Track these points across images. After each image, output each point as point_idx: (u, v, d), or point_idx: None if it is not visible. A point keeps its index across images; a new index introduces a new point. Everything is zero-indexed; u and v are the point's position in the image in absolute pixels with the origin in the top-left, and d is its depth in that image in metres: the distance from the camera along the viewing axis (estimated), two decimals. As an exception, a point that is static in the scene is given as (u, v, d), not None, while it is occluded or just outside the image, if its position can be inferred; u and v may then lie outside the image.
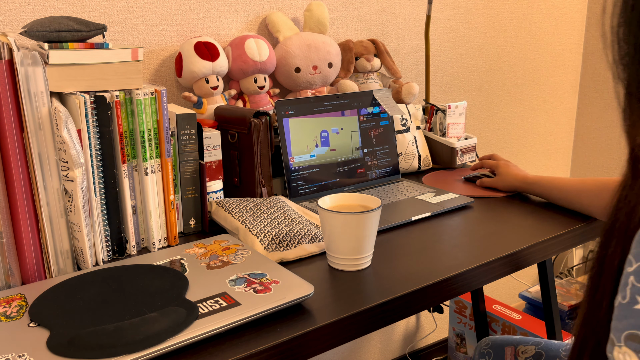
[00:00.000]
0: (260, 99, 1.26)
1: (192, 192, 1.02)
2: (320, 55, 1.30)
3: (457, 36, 1.76)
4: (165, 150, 0.94)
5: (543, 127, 2.14)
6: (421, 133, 1.40)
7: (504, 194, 1.20)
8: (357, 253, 0.86)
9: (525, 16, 1.93)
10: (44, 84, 0.81)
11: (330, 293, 0.80)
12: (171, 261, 0.85)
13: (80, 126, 0.85)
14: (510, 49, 1.92)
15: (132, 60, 0.90)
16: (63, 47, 0.85)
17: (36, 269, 0.84)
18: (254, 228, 0.93)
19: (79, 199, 0.82)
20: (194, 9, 1.24)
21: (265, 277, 0.79)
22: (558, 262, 2.33)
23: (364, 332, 0.77)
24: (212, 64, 1.15)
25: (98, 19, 1.13)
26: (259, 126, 1.05)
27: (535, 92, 2.06)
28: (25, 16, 1.05)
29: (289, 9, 1.38)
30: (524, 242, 0.96)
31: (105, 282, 0.78)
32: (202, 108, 1.18)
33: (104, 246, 0.92)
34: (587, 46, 2.16)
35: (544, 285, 1.35)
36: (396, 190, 1.21)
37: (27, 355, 0.62)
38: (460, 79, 1.81)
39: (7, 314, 0.71)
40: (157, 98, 0.92)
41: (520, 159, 2.10)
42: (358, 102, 1.26)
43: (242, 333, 0.70)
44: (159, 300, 0.73)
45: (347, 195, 0.93)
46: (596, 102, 2.18)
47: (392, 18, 1.58)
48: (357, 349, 1.80)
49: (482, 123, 1.92)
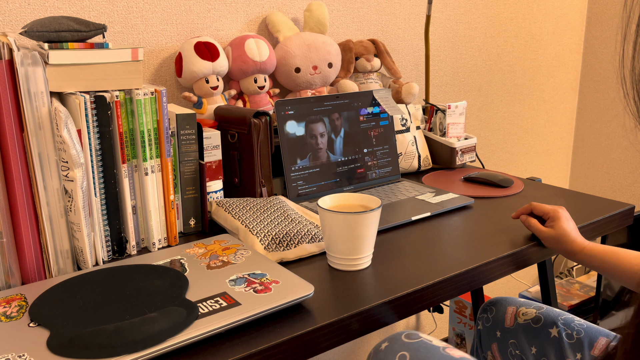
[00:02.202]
0: (260, 99, 1.26)
1: (192, 192, 1.02)
2: (320, 55, 1.30)
3: (457, 36, 1.76)
4: (165, 150, 0.94)
5: (543, 127, 2.14)
6: (421, 133, 1.40)
7: (504, 194, 1.20)
8: (357, 253, 0.86)
9: (525, 16, 1.93)
10: (44, 84, 0.81)
11: (330, 293, 0.80)
12: (171, 261, 0.85)
13: (80, 126, 0.85)
14: (510, 49, 1.92)
15: (132, 60, 0.90)
16: (63, 47, 0.85)
17: (36, 269, 0.84)
18: (254, 228, 0.93)
19: (79, 199, 0.82)
20: (194, 9, 1.24)
21: (265, 277, 0.79)
22: (558, 262, 2.33)
23: (364, 332, 0.77)
24: (212, 64, 1.15)
25: (98, 19, 1.13)
26: (259, 126, 1.05)
27: (535, 92, 2.06)
28: (25, 16, 1.05)
29: (289, 9, 1.38)
30: (524, 242, 0.96)
31: (105, 282, 0.78)
32: (202, 108, 1.18)
33: (104, 246, 0.92)
34: (587, 46, 2.16)
35: (544, 285, 1.35)
36: (396, 190, 1.21)
37: (27, 355, 0.62)
38: (460, 79, 1.81)
39: (7, 314, 0.71)
40: (157, 98, 0.92)
41: (520, 159, 2.10)
42: (358, 102, 1.26)
43: (242, 333, 0.70)
44: (159, 300, 0.73)
45: (347, 195, 0.93)
46: (596, 102, 2.18)
47: (392, 18, 1.58)
48: (357, 349, 1.80)
49: (482, 123, 1.92)
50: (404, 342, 0.76)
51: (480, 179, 1.29)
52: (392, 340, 0.78)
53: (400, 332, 0.79)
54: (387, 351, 0.76)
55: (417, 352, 0.74)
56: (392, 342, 0.77)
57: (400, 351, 0.75)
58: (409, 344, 0.75)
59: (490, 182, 1.27)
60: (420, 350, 0.74)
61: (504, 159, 2.04)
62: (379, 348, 0.78)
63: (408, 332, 0.78)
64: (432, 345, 0.75)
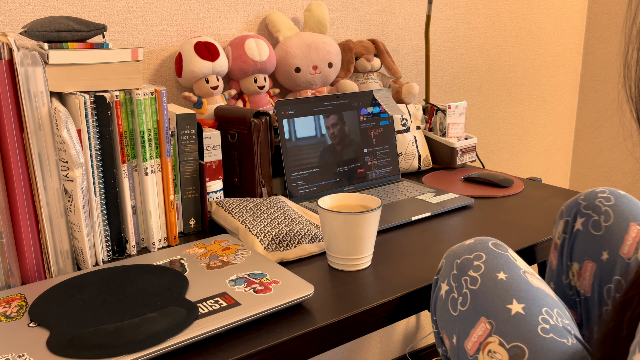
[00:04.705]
0: (260, 99, 1.26)
1: (192, 192, 1.02)
2: (320, 55, 1.30)
3: (457, 36, 1.76)
4: (165, 150, 0.94)
5: (543, 127, 2.14)
6: (421, 133, 1.40)
7: (504, 194, 1.20)
8: (357, 253, 0.86)
9: (525, 16, 1.93)
10: (44, 84, 0.81)
11: (330, 293, 0.80)
12: (171, 261, 0.85)
13: (80, 126, 0.85)
14: (510, 49, 1.92)
15: (132, 60, 0.90)
16: (63, 47, 0.85)
17: (36, 269, 0.84)
18: (254, 228, 0.93)
19: (79, 199, 0.82)
20: (194, 9, 1.24)
21: (265, 277, 0.79)
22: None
23: (364, 332, 0.77)
24: (212, 64, 1.15)
25: (98, 19, 1.13)
26: (259, 126, 1.05)
27: (535, 92, 2.06)
28: (25, 16, 1.05)
29: (289, 9, 1.38)
30: (524, 242, 0.96)
31: (105, 282, 0.78)
32: (202, 108, 1.18)
33: (104, 246, 0.92)
34: (587, 46, 2.16)
35: (544, 285, 1.35)
36: (396, 190, 1.21)
37: (27, 355, 0.62)
38: (460, 79, 1.81)
39: (7, 314, 0.71)
40: (157, 98, 0.92)
41: (520, 159, 2.10)
42: (358, 102, 1.26)
43: (242, 333, 0.70)
44: (159, 300, 0.73)
45: (347, 195, 0.93)
46: (596, 102, 2.18)
47: (392, 18, 1.58)
48: (357, 349, 1.80)
49: (482, 123, 1.92)
50: (489, 247, 0.72)
51: (481, 179, 1.29)
52: (478, 241, 0.73)
53: (489, 238, 0.74)
54: (468, 247, 0.73)
55: (496, 261, 0.70)
56: (478, 242, 0.73)
57: (481, 252, 0.72)
58: (492, 251, 0.71)
59: (490, 182, 1.27)
60: (499, 260, 0.70)
61: (504, 159, 2.04)
62: (464, 243, 0.74)
63: (497, 241, 0.74)
64: (514, 262, 0.71)
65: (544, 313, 0.65)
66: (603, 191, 0.83)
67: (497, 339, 0.65)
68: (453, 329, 0.70)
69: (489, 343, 0.65)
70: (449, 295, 0.71)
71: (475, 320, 0.67)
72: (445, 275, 0.73)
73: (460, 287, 0.70)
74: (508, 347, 0.64)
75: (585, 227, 0.83)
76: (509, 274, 0.69)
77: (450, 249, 0.76)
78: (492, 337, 0.65)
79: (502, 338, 0.64)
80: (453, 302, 0.71)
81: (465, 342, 0.68)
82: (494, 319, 0.66)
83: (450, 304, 0.71)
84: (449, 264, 0.73)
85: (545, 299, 0.67)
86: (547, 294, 0.68)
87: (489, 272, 0.69)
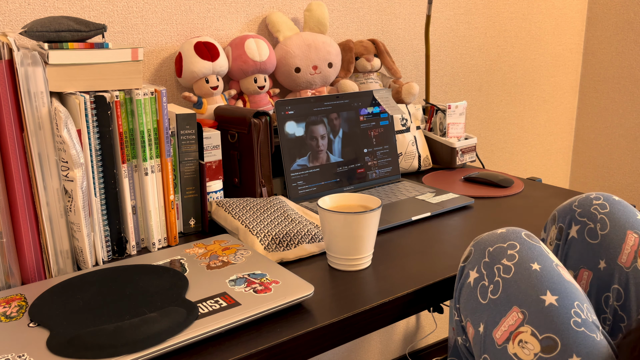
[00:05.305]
0: (260, 99, 1.26)
1: (192, 192, 1.02)
2: (320, 55, 1.30)
3: (457, 36, 1.76)
4: (165, 150, 0.94)
5: (543, 127, 2.14)
6: (421, 133, 1.40)
7: (504, 194, 1.20)
8: (357, 253, 0.86)
9: (525, 16, 1.93)
10: (44, 84, 0.81)
11: (330, 293, 0.80)
12: (171, 261, 0.85)
13: (80, 126, 0.85)
14: (510, 49, 1.92)
15: (132, 60, 0.90)
16: (63, 47, 0.85)
17: (36, 269, 0.84)
18: (254, 228, 0.93)
19: (79, 199, 0.82)
20: (194, 9, 1.24)
21: (265, 277, 0.79)
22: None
23: (364, 332, 0.77)
24: (212, 64, 1.15)
25: (98, 19, 1.13)
26: (259, 126, 1.05)
27: (535, 92, 2.06)
28: (25, 16, 1.05)
29: (289, 9, 1.38)
30: (524, 242, 0.96)
31: (105, 282, 0.78)
32: (202, 108, 1.18)
33: (104, 246, 0.92)
34: (587, 46, 2.16)
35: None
36: (396, 190, 1.21)
37: (27, 355, 0.62)
38: (460, 79, 1.81)
39: (7, 314, 0.71)
40: (157, 98, 0.92)
41: (520, 159, 2.10)
42: (358, 102, 1.26)
43: (242, 333, 0.70)
44: (159, 300, 0.73)
45: (347, 195, 0.93)
46: (596, 102, 2.18)
47: (392, 18, 1.58)
48: (357, 349, 1.80)
49: (482, 123, 1.92)
50: (523, 237, 0.72)
51: (481, 179, 1.29)
52: (511, 231, 0.73)
53: (521, 229, 0.74)
54: (501, 236, 0.72)
55: (530, 252, 0.69)
56: (511, 232, 0.73)
57: (514, 241, 0.71)
58: (526, 241, 0.71)
59: (490, 182, 1.27)
60: (533, 251, 0.70)
61: (504, 159, 2.04)
62: (496, 232, 0.74)
63: (529, 233, 0.73)
64: (547, 254, 0.70)
65: (575, 307, 0.65)
66: (598, 197, 0.83)
67: (529, 329, 0.64)
68: (481, 317, 0.69)
69: (521, 333, 0.65)
70: (479, 283, 0.70)
71: (506, 309, 0.67)
72: (475, 262, 0.72)
73: (491, 275, 0.70)
74: (540, 338, 0.63)
75: (580, 235, 0.82)
76: (543, 265, 0.68)
77: (479, 236, 0.75)
78: (524, 327, 0.65)
79: (535, 329, 0.64)
80: (483, 289, 0.70)
81: (494, 331, 0.67)
82: (526, 309, 0.65)
83: (479, 291, 0.70)
84: (478, 252, 0.72)
85: (576, 292, 0.66)
86: (577, 289, 0.68)
87: (523, 262, 0.68)
